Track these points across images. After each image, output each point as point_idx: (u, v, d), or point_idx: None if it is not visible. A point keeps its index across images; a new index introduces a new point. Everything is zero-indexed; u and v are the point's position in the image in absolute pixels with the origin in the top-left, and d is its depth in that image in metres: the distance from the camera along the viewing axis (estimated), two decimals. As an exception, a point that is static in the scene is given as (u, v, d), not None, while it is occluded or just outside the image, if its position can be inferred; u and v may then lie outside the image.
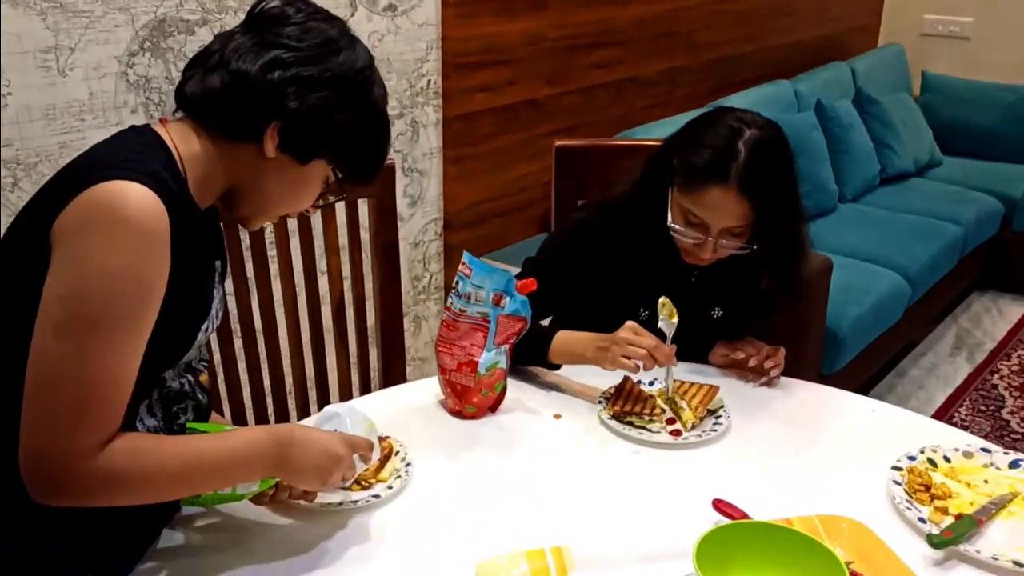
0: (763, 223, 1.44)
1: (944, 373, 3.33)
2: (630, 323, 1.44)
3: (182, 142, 1.06)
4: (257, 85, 1.04)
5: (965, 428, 2.95)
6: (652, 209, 1.52)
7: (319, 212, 1.70)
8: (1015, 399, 3.13)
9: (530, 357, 1.54)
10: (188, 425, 1.15)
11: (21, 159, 1.75)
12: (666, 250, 1.54)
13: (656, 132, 3.02)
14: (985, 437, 2.84)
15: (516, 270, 1.93)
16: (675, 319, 1.44)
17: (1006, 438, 2.87)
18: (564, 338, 1.52)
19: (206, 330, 1.14)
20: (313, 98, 1.05)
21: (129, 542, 1.12)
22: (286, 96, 1.04)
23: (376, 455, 1.21)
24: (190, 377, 1.17)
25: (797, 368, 1.85)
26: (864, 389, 3.14)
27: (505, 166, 2.81)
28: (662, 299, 1.46)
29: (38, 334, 0.94)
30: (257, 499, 1.17)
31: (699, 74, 3.54)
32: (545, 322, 1.64)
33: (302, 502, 1.19)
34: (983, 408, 3.08)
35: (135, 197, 0.94)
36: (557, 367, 1.55)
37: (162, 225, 0.96)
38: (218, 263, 1.18)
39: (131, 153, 1.01)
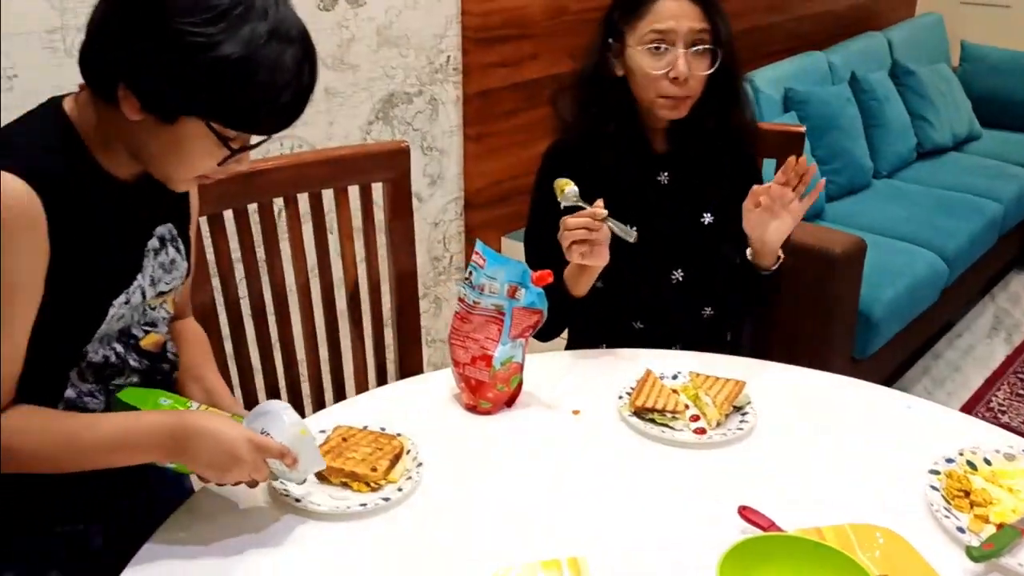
0: (717, 31, 1.53)
1: (981, 355, 3.23)
2: (561, 220, 1.45)
3: (83, 111, 1.04)
4: (96, 40, 0.98)
5: (1002, 412, 2.86)
6: (606, 85, 1.58)
7: (331, 192, 1.65)
8: (1055, 383, 3.03)
9: (559, 309, 1.48)
10: (118, 395, 1.13)
11: (27, 143, 1.71)
12: (631, 137, 1.60)
13: (683, 107, 2.93)
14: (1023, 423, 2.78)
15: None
16: (570, 187, 1.47)
17: (1045, 424, 2.78)
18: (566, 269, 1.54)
19: (128, 302, 1.10)
20: (154, 49, 0.94)
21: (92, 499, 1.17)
22: (127, 49, 0.95)
23: (317, 465, 1.14)
24: (119, 347, 1.13)
25: (828, 351, 1.79)
26: (897, 373, 3.05)
27: (527, 143, 2.73)
28: (554, 183, 1.49)
29: None
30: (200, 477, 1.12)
31: (728, 46, 3.44)
32: None
33: (308, 503, 1.15)
34: (1022, 392, 2.99)
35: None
36: (582, 299, 1.54)
37: (26, 216, 0.96)
38: (167, 227, 1.16)
39: (15, 138, 1.02)
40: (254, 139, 1.07)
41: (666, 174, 1.64)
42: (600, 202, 1.42)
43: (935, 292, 3.00)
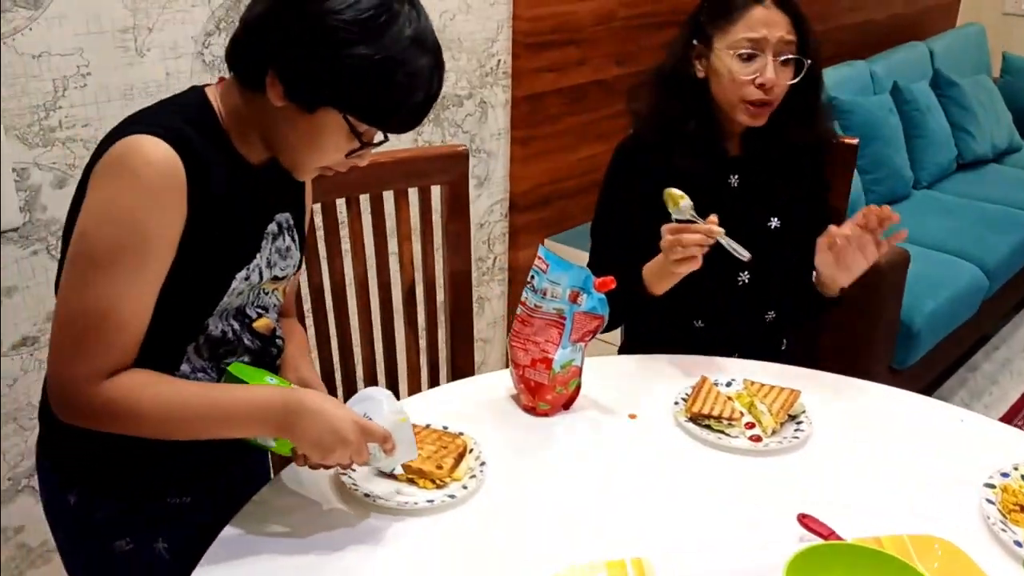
0: (804, 40, 1.56)
1: (1019, 368, 3.23)
2: (664, 227, 1.46)
3: (224, 98, 1.12)
4: (256, 32, 1.05)
5: (1040, 428, 2.85)
6: (691, 83, 1.61)
7: (391, 194, 1.69)
8: (1093, 399, 3.02)
9: (629, 304, 1.55)
10: (229, 368, 1.17)
11: (100, 139, 1.75)
12: (706, 138, 1.62)
13: (727, 115, 2.95)
14: (1061, 438, 2.76)
15: (582, 254, 1.91)
16: (685, 200, 1.48)
17: (1083, 440, 2.77)
18: (646, 268, 1.56)
19: (248, 279, 1.15)
20: (311, 41, 1.01)
21: (187, 469, 1.22)
22: (284, 42, 1.03)
23: (410, 454, 1.17)
24: (236, 324, 1.18)
25: (869, 361, 1.80)
26: (935, 384, 3.05)
27: (572, 147, 2.77)
28: (665, 192, 1.50)
29: (63, 268, 1.06)
30: (297, 457, 1.14)
31: (771, 54, 3.45)
32: None
33: (377, 498, 1.18)
34: (1059, 407, 2.98)
35: (146, 149, 1.01)
36: (658, 298, 1.57)
37: (171, 176, 1.02)
38: (286, 216, 1.22)
39: (161, 111, 1.09)
40: (377, 137, 1.13)
41: (736, 177, 1.67)
42: (714, 218, 1.44)
43: (975, 304, 3.00)
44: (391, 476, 1.24)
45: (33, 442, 1.31)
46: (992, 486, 1.22)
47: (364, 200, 1.68)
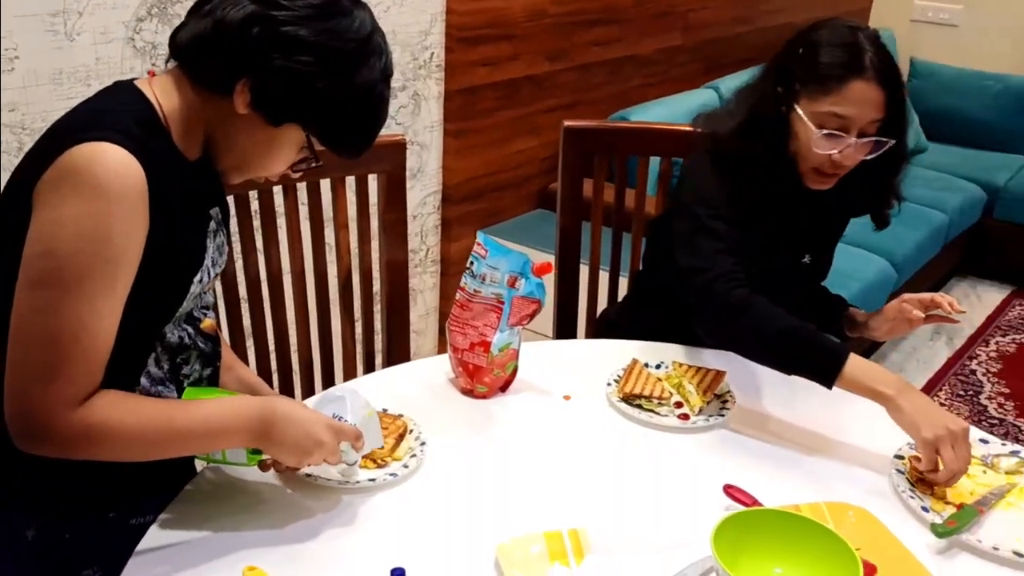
0: (893, 115, 1.46)
1: (924, 357, 3.40)
2: (959, 430, 1.25)
3: (165, 95, 1.07)
4: (234, 37, 1.02)
5: (944, 412, 3.02)
6: (771, 131, 1.50)
7: (328, 182, 1.71)
8: (992, 385, 3.21)
9: (804, 370, 1.38)
10: (185, 393, 1.16)
11: (27, 124, 1.73)
12: (782, 182, 1.53)
13: (652, 111, 3.04)
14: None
15: (515, 246, 1.95)
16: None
17: (983, 423, 2.94)
18: (867, 369, 1.33)
19: (201, 280, 1.14)
20: (292, 61, 1.02)
21: (147, 487, 1.17)
22: (263, 54, 1.02)
23: (376, 443, 1.21)
24: (190, 328, 1.19)
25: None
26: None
27: (504, 141, 2.81)
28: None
29: (17, 289, 0.98)
30: (262, 465, 1.18)
31: (694, 54, 3.56)
32: None
33: (320, 479, 1.21)
34: (961, 393, 3.16)
35: (109, 159, 0.96)
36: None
37: (136, 185, 0.98)
38: (216, 211, 1.20)
39: (108, 113, 1.03)
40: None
41: (803, 220, 1.61)
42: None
43: (884, 296, 3.16)
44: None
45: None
46: (901, 457, 1.31)
47: (301, 189, 1.69)
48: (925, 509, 1.21)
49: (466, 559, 1.10)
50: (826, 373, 1.33)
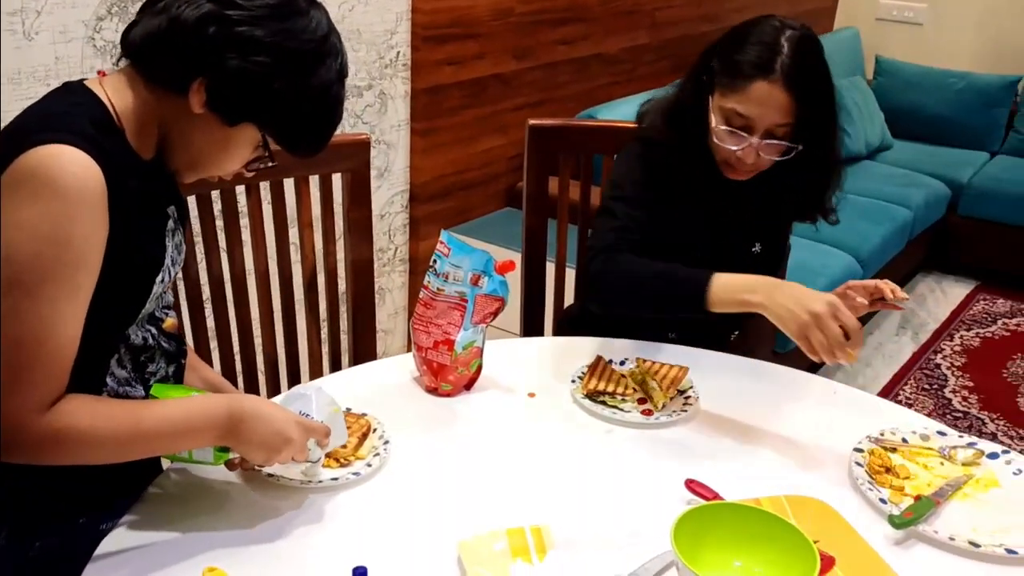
0: (805, 121, 1.45)
1: (890, 352, 3.44)
2: (835, 298, 1.31)
3: (117, 94, 1.07)
4: (189, 36, 1.01)
5: (909, 406, 3.06)
6: (692, 119, 1.51)
7: (292, 182, 1.70)
8: (957, 379, 3.25)
9: (678, 304, 1.43)
10: (152, 391, 1.15)
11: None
12: (707, 171, 1.53)
13: (619, 109, 3.05)
14: (928, 415, 2.96)
15: (484, 244, 1.95)
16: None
17: (948, 416, 2.99)
18: (731, 282, 1.38)
19: (162, 281, 1.14)
20: (248, 61, 1.02)
21: (116, 490, 1.16)
22: (219, 54, 1.01)
23: (340, 440, 1.21)
24: (153, 329, 1.18)
25: (752, 346, 1.90)
26: (814, 366, 3.22)
27: (471, 140, 2.81)
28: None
29: None
30: (229, 464, 1.17)
31: (660, 52, 3.57)
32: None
33: (283, 479, 1.20)
34: (927, 387, 3.20)
35: (66, 161, 0.95)
36: (713, 315, 1.42)
37: (95, 187, 0.97)
38: (172, 209, 1.19)
39: (62, 115, 1.01)
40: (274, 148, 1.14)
41: (733, 208, 1.61)
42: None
43: (850, 292, 3.19)
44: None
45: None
46: (861, 450, 1.33)
47: (265, 188, 1.68)
48: (883, 501, 1.22)
49: (429, 557, 1.10)
50: (695, 300, 1.38)
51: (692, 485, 1.22)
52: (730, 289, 1.38)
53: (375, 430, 1.33)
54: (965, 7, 4.58)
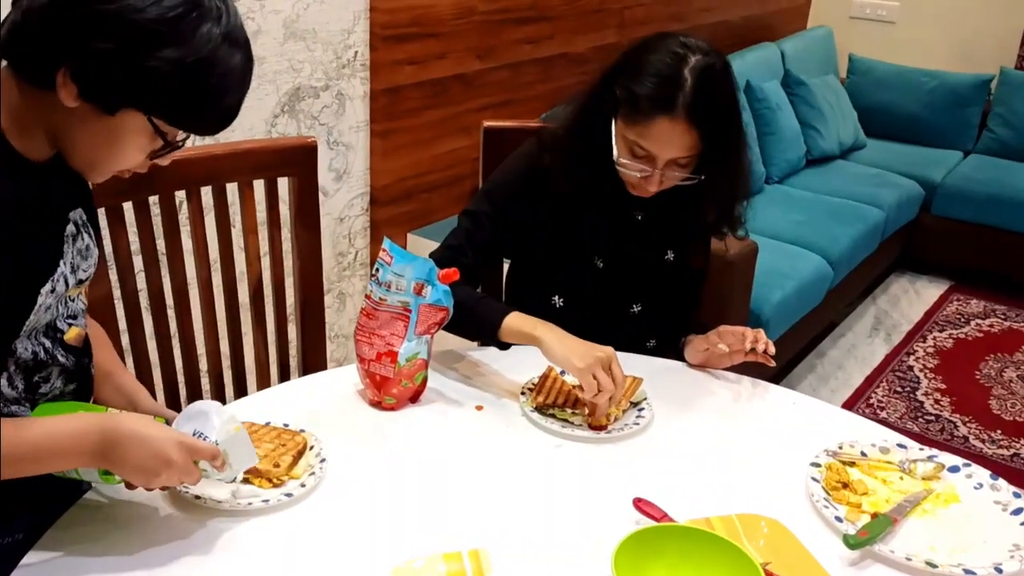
0: (709, 152, 1.42)
1: (862, 354, 3.41)
2: (607, 356, 1.35)
3: None
4: (45, 23, 0.94)
5: (881, 408, 3.03)
6: (595, 142, 1.47)
7: (236, 186, 1.63)
8: (929, 381, 3.22)
9: (476, 331, 1.53)
10: (41, 405, 1.09)
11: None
12: (611, 186, 1.50)
13: (587, 110, 3.00)
14: (900, 418, 2.94)
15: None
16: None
17: (920, 419, 2.95)
18: (519, 323, 1.44)
19: (53, 291, 1.07)
20: (111, 41, 0.93)
21: (19, 504, 1.12)
22: (77, 38, 0.93)
23: (248, 461, 1.13)
24: (47, 342, 1.11)
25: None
26: (785, 370, 3.19)
27: (433, 141, 2.75)
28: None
29: None
30: (127, 484, 1.08)
31: (631, 51, 3.52)
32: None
33: (209, 501, 1.14)
34: (899, 389, 3.16)
35: None
36: (506, 346, 1.52)
37: None
38: (78, 213, 1.12)
39: None
40: (180, 136, 1.06)
41: (642, 214, 1.59)
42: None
43: (820, 294, 3.15)
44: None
45: None
46: (818, 465, 1.28)
47: (206, 193, 1.62)
48: (839, 519, 1.17)
49: (359, 585, 1.05)
50: (491, 331, 1.47)
51: (640, 504, 1.17)
52: (519, 327, 1.45)
53: (311, 447, 1.27)
54: (938, 6, 4.56)
